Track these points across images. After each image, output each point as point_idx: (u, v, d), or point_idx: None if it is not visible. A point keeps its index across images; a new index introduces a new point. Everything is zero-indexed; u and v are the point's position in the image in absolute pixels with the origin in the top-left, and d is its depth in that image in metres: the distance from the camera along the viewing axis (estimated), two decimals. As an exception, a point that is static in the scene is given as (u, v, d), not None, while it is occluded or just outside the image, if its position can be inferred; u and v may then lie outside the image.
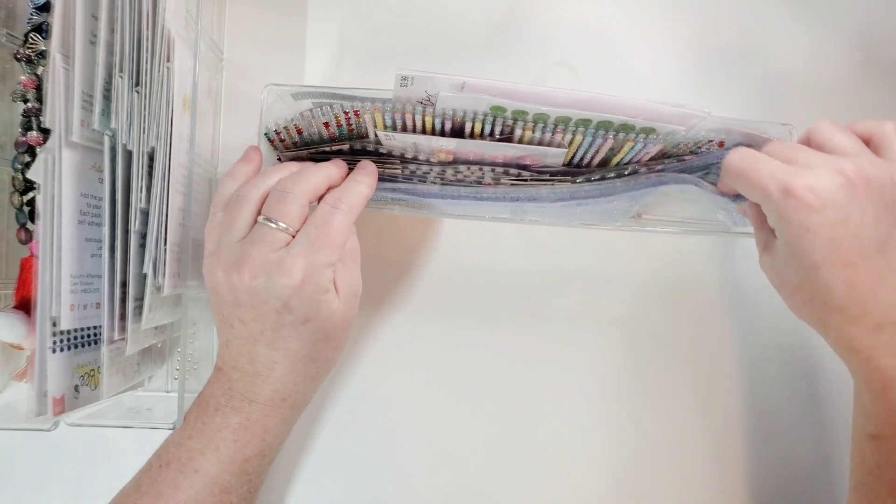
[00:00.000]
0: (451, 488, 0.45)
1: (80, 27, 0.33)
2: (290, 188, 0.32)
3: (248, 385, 0.34)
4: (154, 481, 0.34)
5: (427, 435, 0.45)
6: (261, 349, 0.33)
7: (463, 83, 0.31)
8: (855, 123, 0.33)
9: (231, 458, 0.34)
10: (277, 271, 0.31)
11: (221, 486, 0.34)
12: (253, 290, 0.31)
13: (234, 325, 0.33)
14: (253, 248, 0.31)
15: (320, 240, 0.31)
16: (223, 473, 0.34)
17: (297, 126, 0.36)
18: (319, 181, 0.33)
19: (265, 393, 0.34)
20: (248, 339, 0.33)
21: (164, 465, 0.35)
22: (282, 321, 0.32)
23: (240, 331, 0.33)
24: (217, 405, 0.35)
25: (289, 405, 0.35)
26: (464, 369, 0.45)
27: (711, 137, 0.36)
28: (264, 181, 0.33)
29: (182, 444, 0.35)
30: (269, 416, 0.35)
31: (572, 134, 0.34)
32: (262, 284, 0.31)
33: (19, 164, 0.39)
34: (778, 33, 0.46)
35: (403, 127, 0.35)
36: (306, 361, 0.34)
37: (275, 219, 0.31)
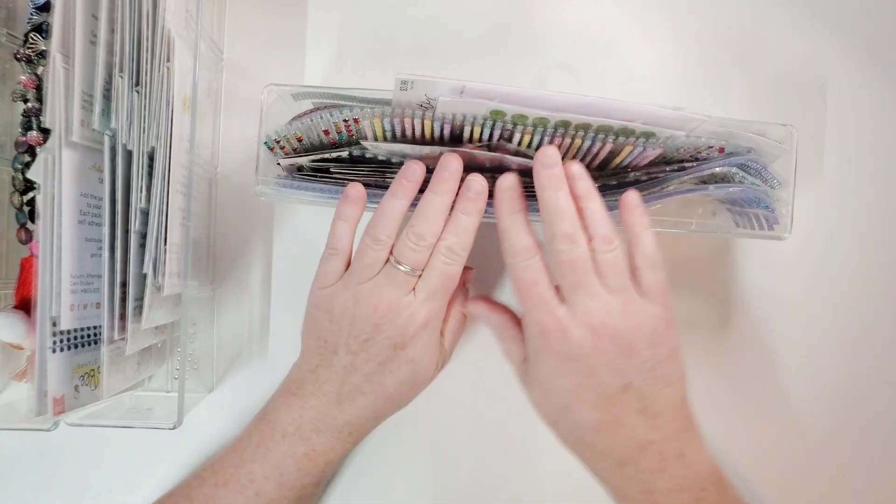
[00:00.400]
0: (452, 488, 0.45)
1: (80, 27, 0.33)
2: (421, 241, 0.34)
3: (322, 415, 0.36)
4: (209, 498, 0.36)
5: (427, 435, 0.45)
6: (354, 379, 0.35)
7: (462, 87, 0.31)
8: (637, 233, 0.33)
9: (292, 485, 0.36)
10: (406, 311, 0.34)
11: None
12: (379, 325, 0.34)
13: (338, 352, 0.35)
14: (388, 290, 0.34)
15: (440, 290, 0.35)
16: (281, 498, 0.36)
17: (297, 135, 0.36)
18: (440, 222, 0.34)
19: (337, 424, 0.36)
20: (347, 368, 0.35)
21: (222, 485, 0.36)
22: (392, 355, 0.35)
23: (343, 359, 0.35)
24: (285, 433, 0.36)
25: (353, 439, 0.37)
26: (464, 369, 0.45)
27: (712, 143, 0.36)
28: (392, 222, 0.34)
29: (242, 465, 0.36)
30: (333, 449, 0.36)
31: (571, 138, 0.34)
32: (390, 321, 0.34)
33: (19, 163, 0.39)
34: (778, 33, 0.46)
35: (403, 133, 0.35)
36: (386, 400, 0.36)
37: (406, 264, 0.34)
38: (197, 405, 0.43)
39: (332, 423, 0.36)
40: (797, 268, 0.46)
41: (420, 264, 0.34)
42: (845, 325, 0.46)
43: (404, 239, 0.34)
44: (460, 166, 0.34)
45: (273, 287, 0.44)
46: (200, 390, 0.44)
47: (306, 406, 0.36)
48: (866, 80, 0.46)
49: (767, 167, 0.37)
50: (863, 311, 0.46)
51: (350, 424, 0.36)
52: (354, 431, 0.37)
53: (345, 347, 0.35)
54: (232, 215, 0.44)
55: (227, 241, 0.44)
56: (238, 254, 0.44)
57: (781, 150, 0.37)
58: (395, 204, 0.34)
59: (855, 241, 0.46)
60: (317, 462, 0.36)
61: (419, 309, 0.35)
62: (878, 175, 0.46)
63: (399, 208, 0.34)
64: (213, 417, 0.43)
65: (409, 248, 0.34)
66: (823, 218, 0.46)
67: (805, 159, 0.43)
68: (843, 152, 0.46)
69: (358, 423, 0.36)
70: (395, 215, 0.34)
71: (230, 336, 0.44)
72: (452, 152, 0.34)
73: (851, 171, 0.46)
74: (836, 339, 0.46)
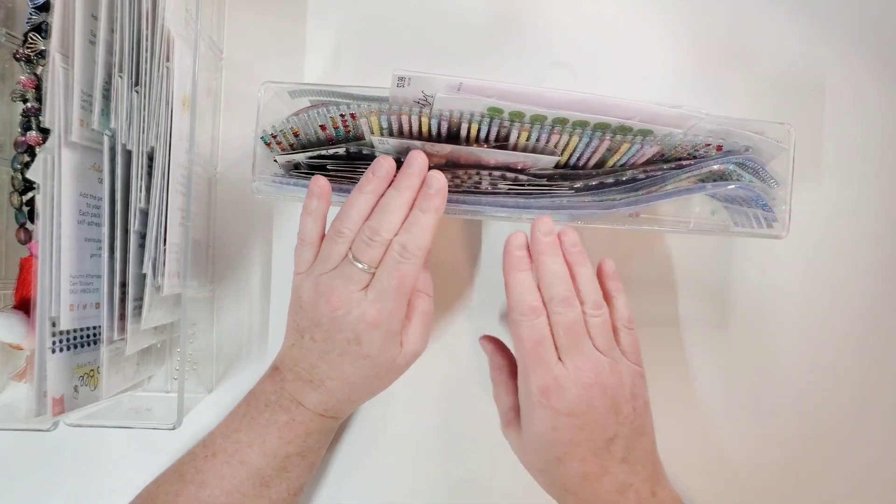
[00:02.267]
0: (451, 488, 0.45)
1: (79, 27, 0.33)
2: (376, 235, 0.34)
3: (300, 389, 0.37)
4: (199, 470, 0.37)
5: (426, 435, 0.45)
6: (321, 365, 0.36)
7: (460, 84, 0.31)
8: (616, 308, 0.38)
9: (274, 453, 0.37)
10: (357, 308, 0.34)
11: (262, 479, 0.37)
12: (334, 319, 0.35)
13: (304, 336, 0.36)
14: (341, 283, 0.35)
15: (391, 289, 0.34)
16: (266, 467, 0.37)
17: (293, 129, 0.36)
18: (397, 218, 0.35)
19: (312, 400, 0.37)
20: (314, 352, 0.36)
21: (211, 456, 0.37)
22: (347, 349, 0.35)
23: (309, 344, 0.36)
24: (267, 401, 0.38)
25: (329, 416, 0.38)
26: (463, 369, 0.45)
27: (709, 141, 0.36)
28: (356, 218, 0.35)
29: (230, 435, 0.38)
30: (312, 420, 0.37)
31: (569, 135, 0.34)
32: (342, 316, 0.35)
33: (18, 163, 0.39)
34: (776, 32, 0.46)
35: (400, 130, 0.35)
36: (353, 387, 0.37)
37: (361, 260, 0.34)
38: (196, 405, 0.43)
39: (307, 398, 0.37)
40: (795, 266, 0.46)
41: (374, 260, 0.34)
42: (844, 322, 0.46)
43: (360, 233, 0.35)
44: (426, 163, 0.35)
45: (273, 287, 0.44)
46: (200, 390, 0.44)
47: (286, 379, 0.37)
48: (864, 79, 0.47)
49: (765, 166, 0.37)
50: (861, 308, 0.46)
51: (323, 403, 0.37)
52: (330, 409, 0.38)
53: (310, 334, 0.36)
54: (231, 215, 0.44)
55: (226, 241, 0.44)
56: (238, 254, 0.44)
57: (779, 148, 0.37)
58: (361, 198, 0.35)
59: (853, 239, 0.46)
60: (297, 431, 0.37)
61: (369, 308, 0.34)
62: (875, 173, 0.47)
63: (364, 202, 0.35)
64: (213, 417, 0.43)
65: (364, 242, 0.34)
66: (821, 216, 0.46)
67: (803, 158, 0.43)
68: (840, 151, 0.46)
69: (331, 404, 0.37)
70: (360, 209, 0.35)
71: (230, 336, 0.44)
72: (419, 150, 0.35)
73: (849, 170, 0.46)
74: (835, 337, 0.46)
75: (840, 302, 0.46)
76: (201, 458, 0.37)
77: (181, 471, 0.37)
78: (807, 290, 0.46)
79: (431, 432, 0.45)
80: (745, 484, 0.46)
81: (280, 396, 0.37)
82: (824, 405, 0.46)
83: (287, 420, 0.37)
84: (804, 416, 0.46)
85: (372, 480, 0.45)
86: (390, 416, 0.45)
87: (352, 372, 0.36)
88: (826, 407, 0.46)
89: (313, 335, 0.36)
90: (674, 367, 0.46)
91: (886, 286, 0.47)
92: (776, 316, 0.46)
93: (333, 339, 0.35)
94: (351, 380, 0.36)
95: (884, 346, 0.47)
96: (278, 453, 0.37)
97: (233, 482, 0.36)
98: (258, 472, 0.37)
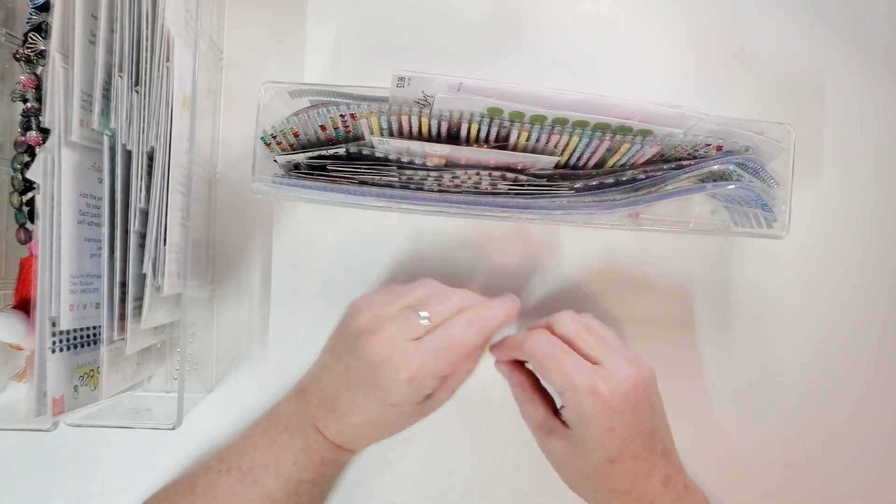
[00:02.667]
0: (452, 488, 0.45)
1: (79, 27, 0.33)
2: (453, 297, 0.36)
3: (321, 415, 0.36)
4: (211, 485, 0.36)
5: (427, 434, 0.45)
6: (346, 395, 0.36)
7: (460, 84, 0.31)
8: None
9: (288, 478, 0.36)
10: (398, 358, 0.33)
11: (273, 502, 0.36)
12: (371, 357, 0.34)
13: (339, 360, 0.36)
14: (393, 325, 0.34)
15: (443, 352, 0.34)
16: (278, 491, 0.36)
17: (293, 129, 0.36)
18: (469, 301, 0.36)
19: (331, 429, 0.36)
20: (343, 380, 0.36)
21: (225, 471, 0.37)
22: (374, 393, 0.35)
23: (341, 370, 0.36)
24: (288, 424, 0.37)
25: (347, 447, 0.37)
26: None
27: (709, 141, 0.36)
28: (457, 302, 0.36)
29: (246, 454, 0.37)
30: (328, 450, 0.37)
31: (569, 135, 0.34)
32: (379, 358, 0.34)
33: (18, 163, 0.39)
34: (776, 32, 0.46)
35: (400, 130, 0.35)
36: (373, 426, 0.36)
37: (424, 310, 0.35)
38: (196, 405, 0.43)
39: (326, 426, 0.36)
40: (795, 266, 0.46)
41: (437, 315, 0.35)
42: (844, 322, 0.46)
43: (436, 292, 0.36)
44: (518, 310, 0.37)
45: (273, 287, 0.44)
46: (200, 390, 0.44)
47: (311, 403, 0.37)
48: (864, 79, 0.47)
49: (765, 166, 0.37)
50: (861, 308, 0.47)
51: (341, 433, 0.36)
52: (346, 442, 0.37)
53: (345, 361, 0.36)
54: (231, 215, 0.44)
55: (226, 241, 0.44)
56: (237, 254, 0.44)
57: (779, 148, 0.37)
58: (456, 304, 0.36)
59: (853, 239, 0.46)
60: (313, 458, 0.37)
61: (412, 361, 0.33)
62: (875, 173, 0.47)
63: (456, 307, 0.36)
64: (213, 417, 0.43)
65: (438, 299, 0.35)
66: (821, 216, 0.46)
67: (803, 158, 0.43)
68: (840, 151, 0.46)
69: (348, 437, 0.37)
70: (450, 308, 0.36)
71: (229, 336, 0.44)
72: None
73: (849, 170, 0.46)
74: (835, 337, 0.46)
75: (840, 302, 0.46)
76: (215, 472, 0.37)
77: (193, 483, 0.37)
78: (807, 291, 0.46)
79: (433, 444, 0.45)
80: (745, 483, 0.46)
81: (301, 420, 0.37)
82: (824, 405, 0.46)
83: (304, 445, 0.36)
84: (804, 416, 0.46)
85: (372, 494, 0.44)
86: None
87: (375, 413, 0.35)
88: (826, 407, 0.46)
89: (348, 364, 0.35)
90: (673, 367, 0.46)
91: (887, 286, 0.47)
92: (776, 316, 0.46)
93: (364, 378, 0.35)
94: (371, 419, 0.36)
95: (884, 347, 0.47)
96: (291, 478, 0.36)
97: (243, 501, 0.36)
98: (269, 495, 0.36)
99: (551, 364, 0.35)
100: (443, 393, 0.37)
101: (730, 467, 0.46)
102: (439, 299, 0.36)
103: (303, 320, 0.44)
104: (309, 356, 0.42)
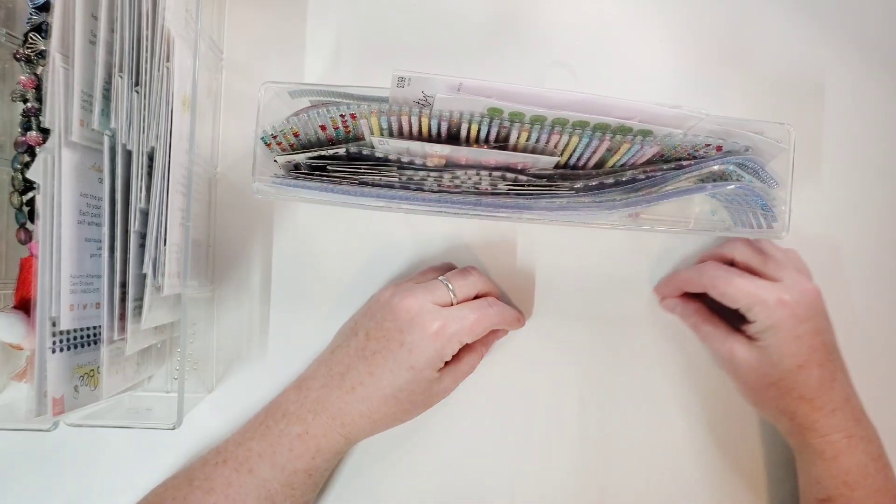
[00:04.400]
0: (451, 488, 0.45)
1: (79, 27, 0.33)
2: (475, 276, 0.40)
3: (323, 396, 0.38)
4: (208, 477, 0.37)
5: (425, 435, 0.45)
6: (361, 365, 0.37)
7: (460, 84, 0.31)
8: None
9: (283, 466, 0.37)
10: (426, 316, 0.36)
11: (268, 491, 0.37)
12: (399, 317, 0.37)
13: (358, 333, 0.38)
14: (423, 291, 0.38)
15: (467, 319, 0.37)
16: (273, 480, 0.37)
17: (293, 130, 0.36)
18: (491, 287, 0.41)
19: (334, 407, 0.37)
20: (359, 351, 0.38)
21: (222, 463, 0.38)
22: (396, 354, 0.36)
23: (360, 341, 0.38)
24: (286, 412, 0.38)
25: (346, 432, 0.38)
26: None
27: (709, 142, 0.36)
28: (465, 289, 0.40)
29: (243, 443, 0.38)
30: (325, 434, 0.37)
31: (569, 136, 0.34)
32: (411, 314, 0.36)
33: (19, 163, 0.39)
34: (776, 32, 0.46)
35: (400, 130, 0.35)
36: (381, 402, 0.37)
37: (451, 284, 0.38)
38: (196, 405, 0.43)
39: (329, 406, 0.37)
40: (796, 266, 0.46)
41: (461, 291, 0.39)
42: (844, 323, 0.46)
43: (462, 269, 0.40)
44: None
45: (273, 287, 0.44)
46: (200, 390, 0.44)
47: (312, 387, 0.38)
48: (864, 79, 0.47)
49: (765, 166, 0.37)
50: (861, 309, 0.46)
51: (344, 412, 0.37)
52: (348, 423, 0.37)
53: (364, 330, 0.38)
54: (231, 215, 0.44)
55: (226, 241, 0.44)
56: (238, 254, 0.44)
57: (779, 148, 0.37)
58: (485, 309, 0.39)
59: (853, 239, 0.46)
60: (308, 445, 0.37)
61: (437, 321, 0.36)
62: (875, 173, 0.47)
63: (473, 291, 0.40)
64: (213, 417, 0.43)
65: (461, 275, 0.39)
66: (821, 216, 0.46)
67: (803, 158, 0.43)
68: (840, 151, 0.46)
69: (352, 415, 0.37)
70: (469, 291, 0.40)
71: (230, 336, 0.44)
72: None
73: (849, 170, 0.46)
74: (835, 338, 0.46)
75: (840, 302, 0.46)
76: (212, 465, 0.38)
77: (191, 475, 0.38)
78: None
79: (433, 444, 0.45)
80: (745, 483, 0.46)
81: (300, 407, 0.38)
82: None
83: (301, 432, 0.37)
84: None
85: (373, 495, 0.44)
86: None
87: (388, 382, 0.36)
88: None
89: (368, 332, 0.38)
90: (673, 367, 0.46)
91: (887, 287, 0.47)
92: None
93: (386, 339, 0.37)
94: (383, 391, 0.37)
95: (884, 347, 0.47)
96: (286, 467, 0.37)
97: (239, 491, 0.36)
98: (264, 484, 0.37)
99: (734, 288, 0.38)
100: (449, 378, 0.38)
101: (728, 466, 0.46)
102: (462, 275, 0.39)
103: (303, 320, 0.44)
104: (309, 356, 0.42)
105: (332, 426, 0.37)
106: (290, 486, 0.37)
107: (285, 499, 0.37)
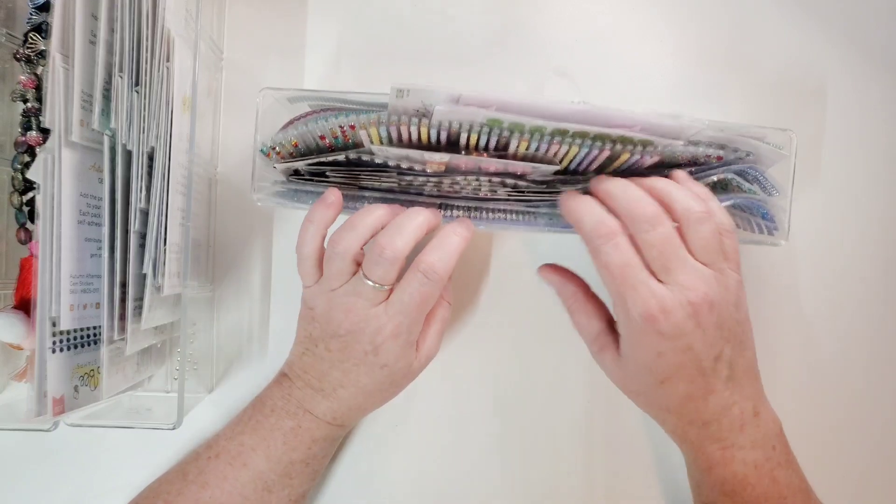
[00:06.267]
0: (451, 488, 0.45)
1: (79, 27, 0.33)
2: (386, 253, 0.33)
3: (308, 397, 0.37)
4: (202, 471, 0.37)
5: (425, 434, 0.45)
6: (335, 373, 0.36)
7: (459, 95, 0.31)
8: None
9: (278, 459, 0.37)
10: (375, 322, 0.34)
11: (265, 483, 0.37)
12: (352, 331, 0.35)
13: (318, 346, 0.37)
14: (356, 301, 0.35)
15: (413, 307, 0.34)
16: (269, 472, 0.37)
17: (292, 140, 0.36)
18: (411, 237, 0.34)
19: (321, 408, 0.37)
20: (327, 361, 0.36)
21: (214, 457, 0.37)
22: (364, 360, 0.35)
23: (323, 353, 0.36)
24: (273, 407, 0.38)
25: (338, 423, 0.38)
26: (461, 369, 0.45)
27: (710, 152, 0.36)
28: (356, 235, 0.34)
29: (234, 438, 0.38)
30: (319, 428, 0.37)
31: (568, 146, 0.34)
32: (361, 329, 0.35)
33: (19, 163, 0.39)
34: (777, 38, 0.46)
35: (399, 139, 0.35)
36: (366, 395, 0.37)
37: (371, 278, 0.34)
38: (196, 405, 0.43)
39: (315, 406, 0.37)
40: (795, 269, 0.46)
41: (385, 279, 0.34)
42: (844, 328, 0.46)
43: (369, 251, 0.34)
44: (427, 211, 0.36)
45: (273, 287, 0.44)
46: (200, 390, 0.44)
47: (294, 386, 0.38)
48: (865, 84, 0.46)
49: (765, 174, 0.37)
50: (861, 312, 0.46)
51: (332, 411, 0.37)
52: (338, 418, 0.37)
53: (324, 344, 0.36)
54: (232, 215, 0.44)
55: (226, 241, 0.44)
56: (238, 254, 0.44)
57: (780, 154, 0.37)
58: (367, 220, 0.35)
59: (853, 243, 0.46)
60: (302, 438, 0.37)
61: (387, 322, 0.34)
62: (876, 179, 0.46)
63: (370, 223, 0.35)
64: (213, 417, 0.43)
65: (373, 261, 0.34)
66: (822, 220, 0.46)
67: (803, 162, 0.43)
68: (841, 154, 0.46)
69: (341, 412, 0.37)
70: (362, 230, 0.35)
71: (230, 336, 0.44)
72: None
73: (850, 176, 0.46)
74: (835, 343, 0.46)
75: (840, 307, 0.46)
76: (204, 459, 0.37)
77: (184, 470, 0.38)
78: (807, 294, 0.46)
79: (434, 439, 0.45)
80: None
81: (287, 403, 0.37)
82: (824, 408, 0.46)
83: (293, 426, 0.37)
84: (804, 417, 0.46)
85: (373, 488, 0.44)
86: (391, 424, 0.45)
87: (367, 381, 0.36)
88: (826, 409, 0.46)
89: (328, 345, 0.36)
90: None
91: (887, 289, 0.47)
92: (776, 319, 0.46)
93: (350, 350, 0.35)
94: (365, 389, 0.36)
95: (884, 349, 0.47)
96: (282, 459, 0.37)
97: (235, 484, 0.36)
98: (261, 476, 0.37)
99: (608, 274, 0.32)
100: (430, 341, 0.37)
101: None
102: (375, 261, 0.34)
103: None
104: (309, 357, 0.42)
105: (323, 421, 0.37)
106: (288, 476, 0.37)
107: (283, 488, 0.37)
